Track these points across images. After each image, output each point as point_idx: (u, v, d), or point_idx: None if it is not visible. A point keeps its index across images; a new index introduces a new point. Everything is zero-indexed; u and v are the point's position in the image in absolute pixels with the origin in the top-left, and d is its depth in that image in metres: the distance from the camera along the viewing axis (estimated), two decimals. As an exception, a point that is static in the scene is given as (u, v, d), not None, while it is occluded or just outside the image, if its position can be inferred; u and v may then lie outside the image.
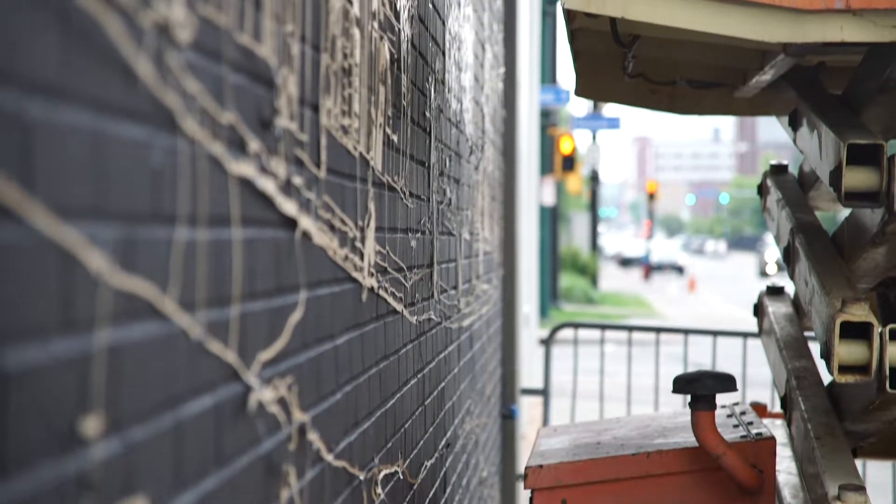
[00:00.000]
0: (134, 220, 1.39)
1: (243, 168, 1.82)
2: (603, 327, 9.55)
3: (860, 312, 3.28)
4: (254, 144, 1.88)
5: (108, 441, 1.31)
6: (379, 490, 3.03)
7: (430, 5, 4.15)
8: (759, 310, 4.97)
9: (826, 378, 3.99)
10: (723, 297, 36.95)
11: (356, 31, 2.72)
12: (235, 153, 1.79)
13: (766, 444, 3.63)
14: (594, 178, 36.91)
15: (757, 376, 9.72)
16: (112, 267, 1.32)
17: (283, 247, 2.08)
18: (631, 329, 9.45)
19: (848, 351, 3.26)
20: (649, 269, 55.45)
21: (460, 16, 5.30)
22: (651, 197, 57.10)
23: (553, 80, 28.11)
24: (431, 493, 4.20)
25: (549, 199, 26.54)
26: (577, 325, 9.42)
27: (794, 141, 4.13)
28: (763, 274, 39.83)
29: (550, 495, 3.68)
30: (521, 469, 8.87)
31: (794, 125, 4.12)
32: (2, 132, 1.08)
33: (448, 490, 4.82)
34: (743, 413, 4.01)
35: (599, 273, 38.70)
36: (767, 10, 3.12)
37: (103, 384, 1.30)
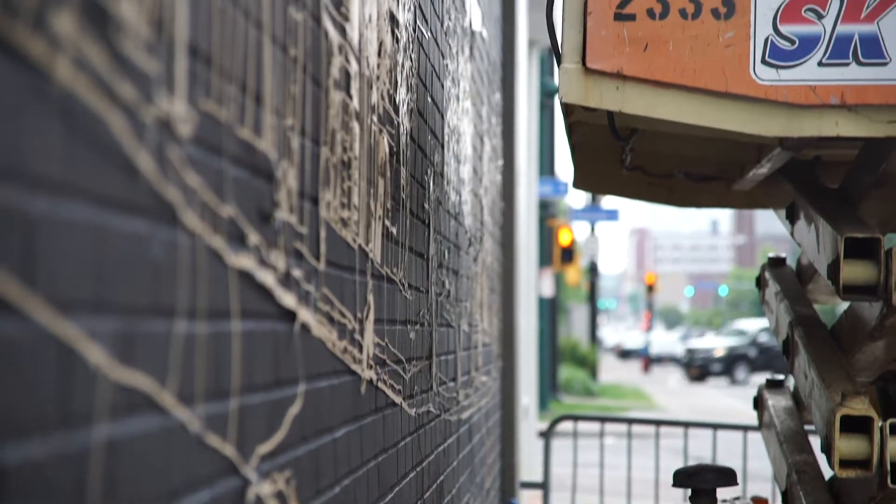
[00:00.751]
0: (133, 314, 1.40)
1: (243, 261, 1.83)
2: (603, 420, 9.51)
3: (860, 406, 3.28)
4: (253, 237, 1.89)
5: (104, 536, 1.30)
6: (377, 585, 3.00)
7: (430, 99, 4.19)
8: (758, 403, 4.95)
9: (827, 472, 3.97)
10: (723, 390, 36.91)
11: (356, 125, 2.74)
12: (235, 246, 1.79)
13: (768, 539, 3.59)
14: (593, 270, 36.99)
15: (758, 470, 9.66)
16: (111, 361, 1.32)
17: (282, 339, 2.08)
18: (631, 422, 9.40)
19: (848, 445, 3.25)
20: (648, 361, 55.38)
21: (459, 109, 5.34)
22: (650, 289, 57.16)
23: (551, 172, 28.29)
24: (430, 588, 4.15)
25: (547, 290, 26.57)
26: (576, 418, 9.38)
27: (792, 234, 4.15)
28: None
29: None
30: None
31: (791, 218, 4.14)
32: (4, 229, 1.09)
33: (446, 585, 4.77)
34: (744, 507, 3.98)
35: (599, 365, 38.66)
36: (763, 105, 3.16)
37: (101, 478, 1.29)
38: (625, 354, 73.41)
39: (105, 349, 1.30)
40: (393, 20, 3.32)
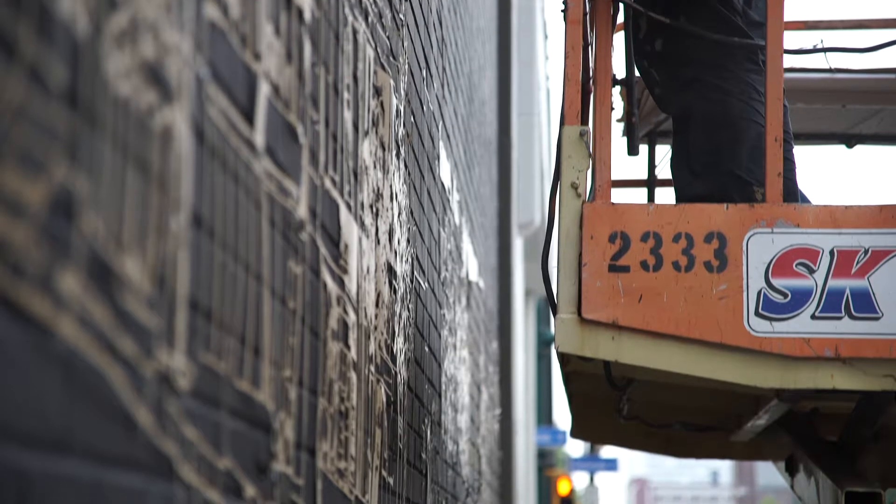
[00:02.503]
0: (126, 570, 1.38)
1: (238, 514, 1.81)
2: None
3: None
4: (250, 490, 1.88)
5: None
6: None
7: (427, 349, 4.22)
8: None
9: None
10: None
11: (353, 375, 2.75)
12: (231, 499, 1.78)
13: None
14: (592, 520, 36.40)
15: None
16: None
17: None
18: None
19: None
20: None
21: (456, 358, 5.36)
22: (650, 539, 56.18)
23: (549, 420, 28.14)
24: None
25: (546, 541, 26.08)
26: None
27: (792, 486, 4.12)
28: None
29: None
30: None
31: (790, 471, 4.12)
32: (1, 486, 1.09)
33: None
34: None
35: None
36: (758, 357, 3.18)
37: None
38: None
39: None
40: (391, 271, 3.37)
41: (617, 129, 4.68)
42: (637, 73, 3.76)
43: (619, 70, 3.96)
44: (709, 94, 3.44)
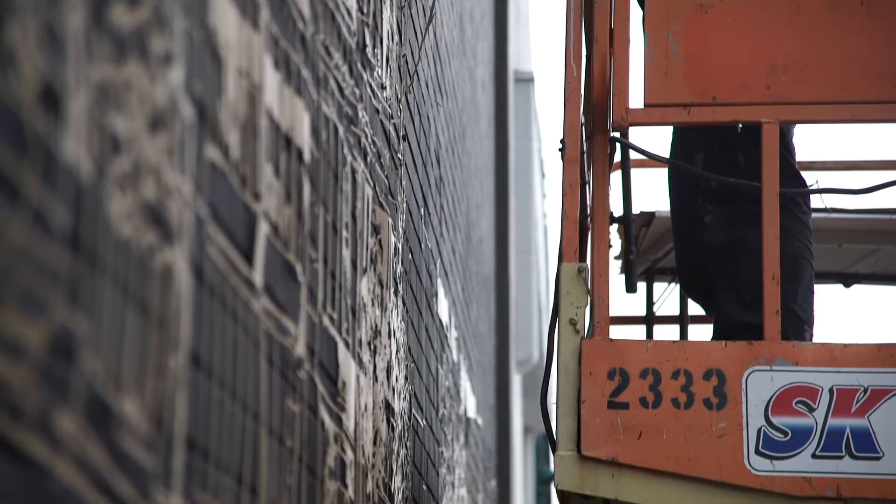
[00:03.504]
0: None
1: None
2: None
3: None
4: None
5: None
6: None
7: (425, 487, 4.18)
8: None
9: None
10: None
11: (351, 515, 2.73)
12: None
13: None
14: None
15: None
16: None
17: None
18: None
19: None
20: None
21: (454, 497, 5.32)
22: None
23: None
24: None
25: None
26: None
27: None
28: None
29: None
30: None
31: None
32: None
33: None
34: None
35: None
36: (760, 496, 3.15)
37: None
38: None
39: None
40: (389, 409, 3.36)
41: (615, 266, 4.71)
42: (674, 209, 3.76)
43: (617, 208, 4.00)
44: None
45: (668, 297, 5.14)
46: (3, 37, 1.05)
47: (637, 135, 3.69)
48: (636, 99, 3.14)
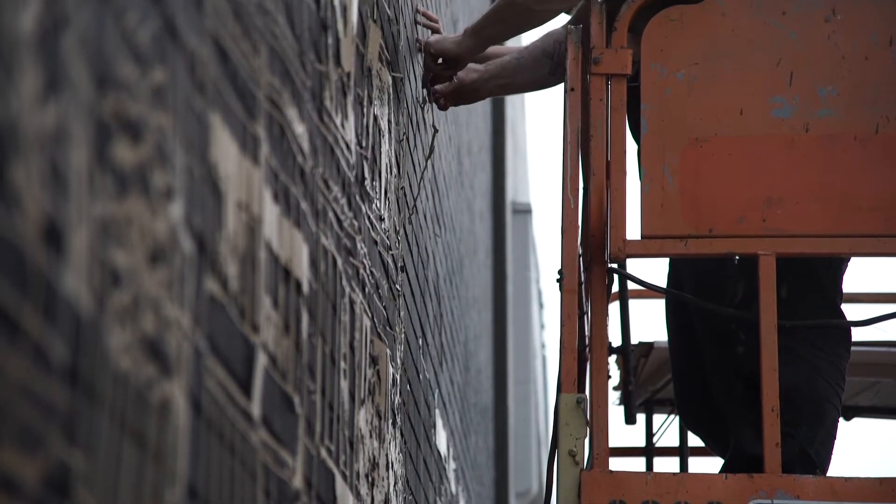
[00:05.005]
0: None
1: None
2: None
3: None
4: None
5: None
6: None
7: None
8: None
9: None
10: None
11: None
12: None
13: None
14: None
15: None
16: None
17: None
18: None
19: None
20: None
21: None
22: None
23: None
24: None
25: None
26: None
27: None
28: None
29: None
30: None
31: None
32: None
33: None
34: None
35: None
36: None
37: None
38: None
39: None
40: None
41: (614, 396, 4.69)
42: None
43: (615, 338, 4.01)
44: (798, 367, 3.38)
45: (667, 428, 5.12)
46: (7, 174, 1.06)
47: (635, 265, 3.71)
48: (633, 230, 3.16)
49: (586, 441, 3.27)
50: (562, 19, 3.85)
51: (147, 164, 1.43)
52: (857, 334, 3.69)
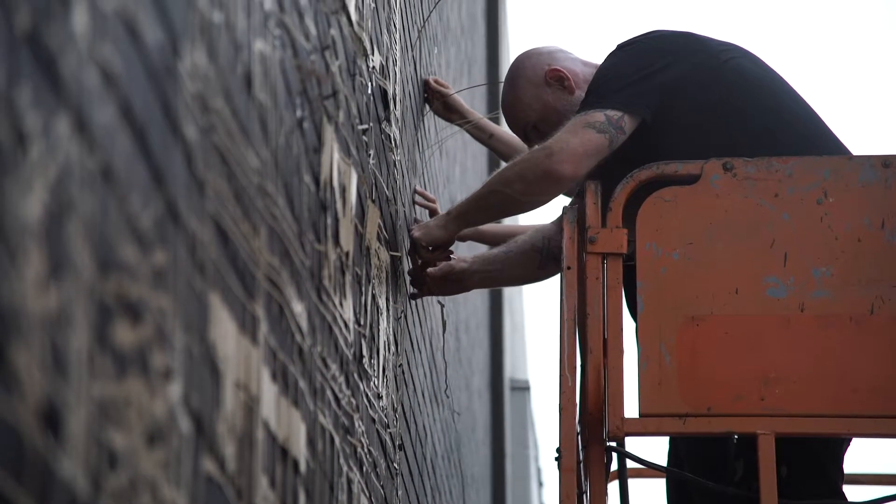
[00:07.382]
0: None
1: None
2: None
3: None
4: None
5: None
6: None
7: None
8: None
9: None
10: None
11: None
12: None
13: None
14: None
15: None
16: None
17: None
18: None
19: None
20: None
21: None
22: None
23: None
24: None
25: None
26: None
27: None
28: None
29: None
30: None
31: None
32: None
33: None
34: None
35: None
36: None
37: None
38: None
39: None
40: None
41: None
42: None
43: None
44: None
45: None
46: (7, 357, 1.07)
47: (634, 444, 3.69)
48: (631, 408, 3.15)
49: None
50: (547, 211, 3.90)
51: (147, 344, 1.44)
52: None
